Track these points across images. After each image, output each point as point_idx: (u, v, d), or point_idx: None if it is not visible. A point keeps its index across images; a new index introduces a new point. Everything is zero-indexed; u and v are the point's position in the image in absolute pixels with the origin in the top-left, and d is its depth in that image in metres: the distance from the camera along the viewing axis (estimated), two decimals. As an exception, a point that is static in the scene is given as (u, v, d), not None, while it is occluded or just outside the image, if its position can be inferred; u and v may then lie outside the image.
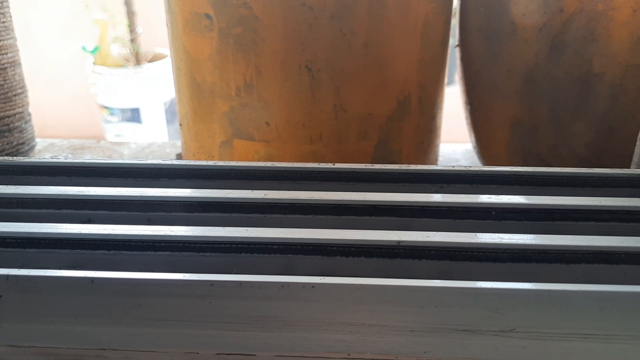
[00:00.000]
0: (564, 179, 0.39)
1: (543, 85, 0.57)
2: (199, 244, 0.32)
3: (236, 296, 0.28)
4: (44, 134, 0.96)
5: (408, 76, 0.55)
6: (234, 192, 0.37)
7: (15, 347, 0.30)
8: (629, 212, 0.35)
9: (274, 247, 0.32)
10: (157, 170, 0.41)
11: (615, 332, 0.28)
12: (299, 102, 0.53)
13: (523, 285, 0.28)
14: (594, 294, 0.28)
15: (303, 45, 0.51)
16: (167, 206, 0.36)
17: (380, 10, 0.51)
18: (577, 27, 0.53)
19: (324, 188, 0.40)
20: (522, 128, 0.60)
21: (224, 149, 0.57)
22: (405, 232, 0.32)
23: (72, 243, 0.32)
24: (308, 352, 0.30)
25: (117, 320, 0.29)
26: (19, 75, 0.74)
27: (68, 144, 0.83)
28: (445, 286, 0.28)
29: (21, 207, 0.37)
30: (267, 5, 0.50)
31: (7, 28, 0.70)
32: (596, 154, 0.57)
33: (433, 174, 0.40)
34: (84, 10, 1.88)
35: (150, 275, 0.29)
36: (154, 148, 0.82)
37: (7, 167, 0.41)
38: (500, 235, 0.32)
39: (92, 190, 0.37)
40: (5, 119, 0.72)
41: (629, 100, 0.54)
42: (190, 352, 0.30)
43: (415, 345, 0.29)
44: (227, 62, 0.53)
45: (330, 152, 0.55)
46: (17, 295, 0.29)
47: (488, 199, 0.36)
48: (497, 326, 0.28)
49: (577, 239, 0.31)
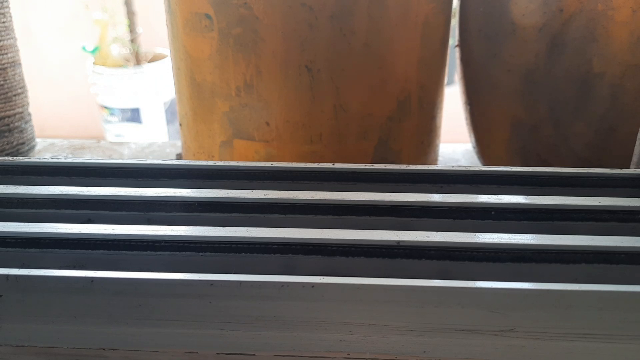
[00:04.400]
0: (564, 179, 0.39)
1: (543, 85, 0.57)
2: (198, 244, 0.32)
3: (236, 296, 0.28)
4: (44, 134, 0.96)
5: (408, 76, 0.55)
6: (233, 192, 0.37)
7: (15, 347, 0.30)
8: (629, 212, 0.35)
9: (273, 247, 0.32)
10: (157, 170, 0.41)
11: (615, 332, 0.28)
12: (299, 102, 0.53)
13: (523, 285, 0.28)
14: (594, 294, 0.28)
15: (303, 45, 0.51)
16: (167, 206, 0.36)
17: (380, 10, 0.51)
18: (577, 27, 0.53)
19: (324, 188, 0.40)
20: (522, 128, 0.60)
21: (224, 149, 0.57)
22: (405, 232, 0.32)
23: (72, 243, 0.32)
24: (308, 352, 0.30)
25: (117, 320, 0.29)
26: (19, 75, 0.74)
27: (68, 144, 0.83)
28: (445, 286, 0.28)
29: (21, 207, 0.37)
30: (267, 5, 0.50)
31: (7, 28, 0.70)
32: (596, 154, 0.57)
33: (433, 174, 0.40)
34: (84, 10, 1.88)
35: (150, 275, 0.29)
36: (154, 148, 0.82)
37: (7, 167, 0.41)
38: (500, 235, 0.32)
39: (92, 190, 0.37)
40: (5, 119, 0.72)
41: (629, 100, 0.54)
42: (190, 352, 0.30)
43: (415, 345, 0.29)
44: (227, 62, 0.53)
45: (330, 152, 0.55)
46: (17, 295, 0.29)
47: (488, 199, 0.36)
48: (497, 326, 0.28)
49: (577, 239, 0.31)
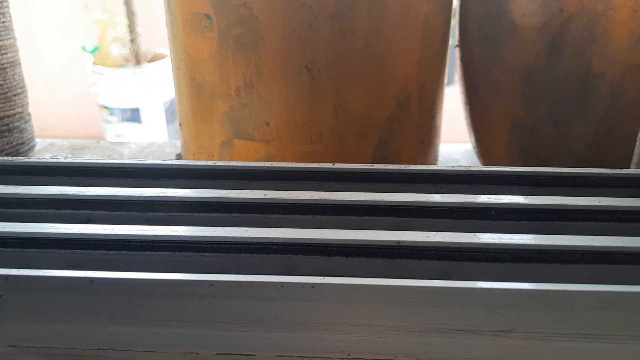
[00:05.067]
0: (564, 179, 0.39)
1: (543, 85, 0.57)
2: (198, 244, 0.32)
3: (236, 296, 0.28)
4: (44, 134, 0.96)
5: (408, 76, 0.55)
6: (233, 192, 0.37)
7: (15, 347, 0.30)
8: (629, 212, 0.35)
9: (273, 247, 0.32)
10: (157, 170, 0.41)
11: (615, 332, 0.28)
12: (299, 102, 0.53)
13: (523, 285, 0.28)
14: (594, 294, 0.28)
15: (303, 45, 0.51)
16: (166, 206, 0.36)
17: (380, 10, 0.51)
18: (577, 27, 0.53)
19: (324, 188, 0.40)
20: (522, 128, 0.60)
21: (224, 149, 0.57)
22: (405, 232, 0.32)
23: (72, 243, 0.32)
24: (308, 352, 0.30)
25: (117, 320, 0.29)
26: (19, 75, 0.74)
27: (68, 144, 0.83)
28: (445, 286, 0.28)
29: (21, 207, 0.37)
30: (267, 5, 0.50)
31: (7, 28, 0.70)
32: (596, 154, 0.57)
33: (433, 174, 0.40)
34: (84, 10, 1.88)
35: (150, 275, 0.29)
36: (154, 148, 0.82)
37: (7, 167, 0.41)
38: (500, 235, 0.32)
39: (92, 190, 0.37)
40: (5, 119, 0.72)
41: (629, 100, 0.54)
42: (190, 352, 0.30)
43: (415, 345, 0.29)
44: (227, 62, 0.53)
45: (330, 152, 0.55)
46: (17, 295, 0.29)
47: (488, 199, 0.36)
48: (497, 326, 0.28)
49: (577, 239, 0.31)
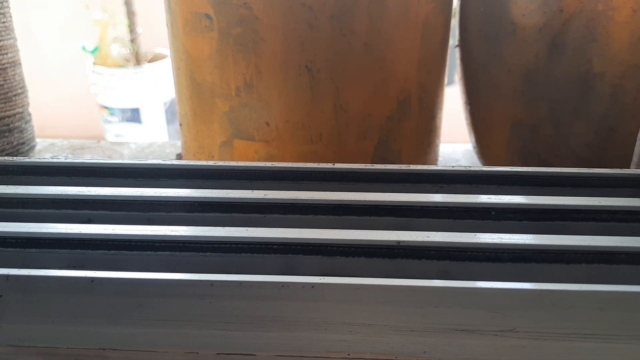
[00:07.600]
0: (564, 179, 0.39)
1: (543, 85, 0.57)
2: (199, 244, 0.32)
3: (236, 296, 0.28)
4: (44, 134, 0.96)
5: (408, 76, 0.55)
6: (234, 192, 0.37)
7: (15, 347, 0.30)
8: (629, 212, 0.35)
9: (274, 247, 0.32)
10: (157, 170, 0.41)
11: (615, 332, 0.28)
12: (299, 102, 0.53)
13: (523, 285, 0.28)
14: (594, 294, 0.28)
15: (303, 45, 0.51)
16: (167, 206, 0.36)
17: (380, 10, 0.51)
18: (577, 27, 0.53)
19: (324, 188, 0.40)
20: (522, 128, 0.60)
21: (224, 149, 0.57)
22: (405, 232, 0.32)
23: (72, 243, 0.32)
24: (308, 352, 0.30)
25: (117, 320, 0.29)
26: (19, 75, 0.74)
27: (68, 144, 0.83)
28: (445, 286, 0.28)
29: (21, 207, 0.37)
30: (267, 5, 0.50)
31: (7, 28, 0.70)
32: (596, 154, 0.57)
33: (433, 174, 0.40)
34: (84, 10, 1.88)
35: (150, 275, 0.29)
36: (154, 148, 0.82)
37: (7, 167, 0.41)
38: (500, 235, 0.32)
39: (92, 190, 0.37)
40: (5, 119, 0.72)
41: (629, 100, 0.54)
42: (190, 352, 0.30)
43: (415, 345, 0.29)
44: (227, 62, 0.53)
45: (330, 152, 0.55)
46: (17, 295, 0.29)
47: (488, 199, 0.36)
48: (497, 326, 0.28)
49: (577, 239, 0.31)
